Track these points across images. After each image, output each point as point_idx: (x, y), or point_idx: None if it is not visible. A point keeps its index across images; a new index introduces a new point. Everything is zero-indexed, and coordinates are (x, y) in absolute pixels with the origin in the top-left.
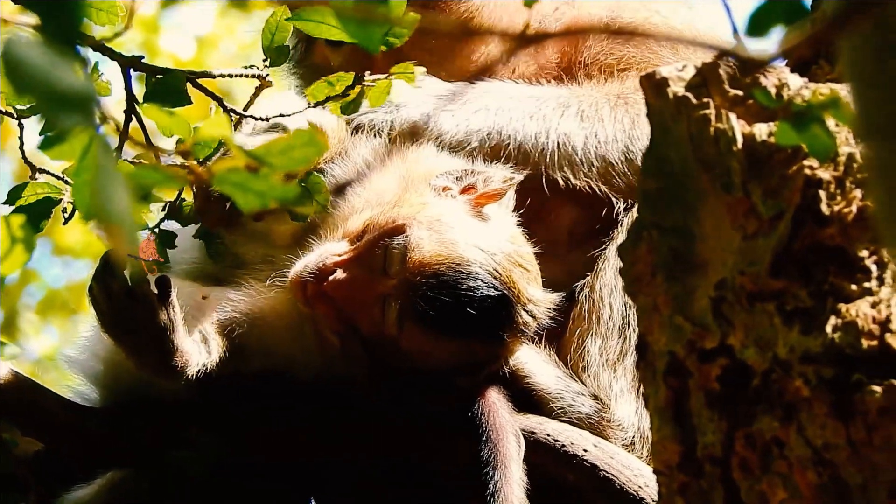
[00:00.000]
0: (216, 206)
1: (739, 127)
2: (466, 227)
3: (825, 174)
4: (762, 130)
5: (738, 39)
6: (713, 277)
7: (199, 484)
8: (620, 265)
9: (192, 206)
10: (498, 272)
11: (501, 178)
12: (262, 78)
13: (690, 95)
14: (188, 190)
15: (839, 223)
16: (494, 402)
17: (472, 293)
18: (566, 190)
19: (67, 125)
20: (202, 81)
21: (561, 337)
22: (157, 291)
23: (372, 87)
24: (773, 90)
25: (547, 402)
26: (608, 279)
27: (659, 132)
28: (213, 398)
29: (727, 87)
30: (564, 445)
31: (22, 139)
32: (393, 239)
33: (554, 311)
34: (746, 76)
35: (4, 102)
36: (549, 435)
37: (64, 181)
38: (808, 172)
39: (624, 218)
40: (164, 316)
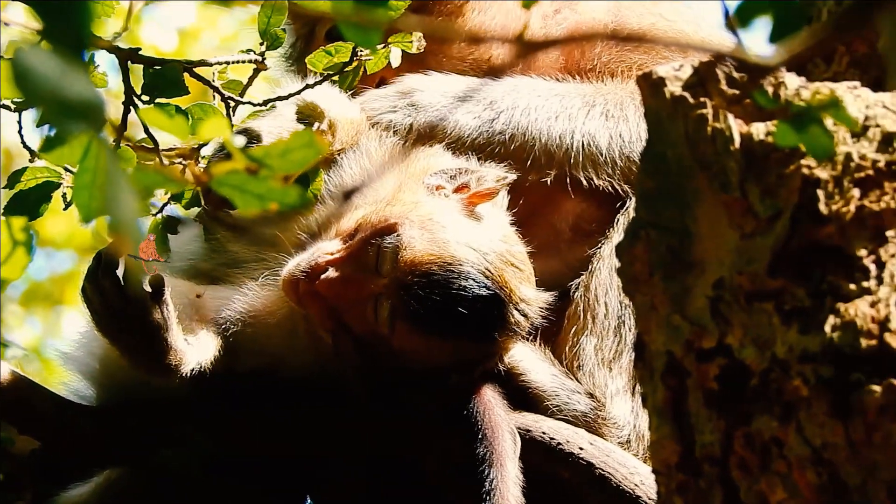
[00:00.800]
0: None
1: (737, 126)
2: (459, 226)
3: (823, 173)
4: (759, 130)
5: (740, 42)
6: (711, 277)
7: (193, 483)
8: (618, 264)
9: (194, 189)
10: (490, 271)
11: (495, 177)
12: (258, 62)
13: (687, 95)
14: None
15: (837, 222)
16: (490, 400)
17: (463, 292)
18: (571, 185)
19: (76, 132)
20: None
21: (556, 335)
22: (150, 290)
23: (370, 60)
24: (770, 89)
25: (542, 400)
26: (603, 278)
27: (656, 131)
28: (207, 396)
29: (724, 86)
30: (560, 443)
31: (21, 127)
32: (385, 238)
33: (547, 310)
34: (753, 81)
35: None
36: (544, 433)
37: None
38: (805, 172)
39: (620, 217)
40: (157, 315)
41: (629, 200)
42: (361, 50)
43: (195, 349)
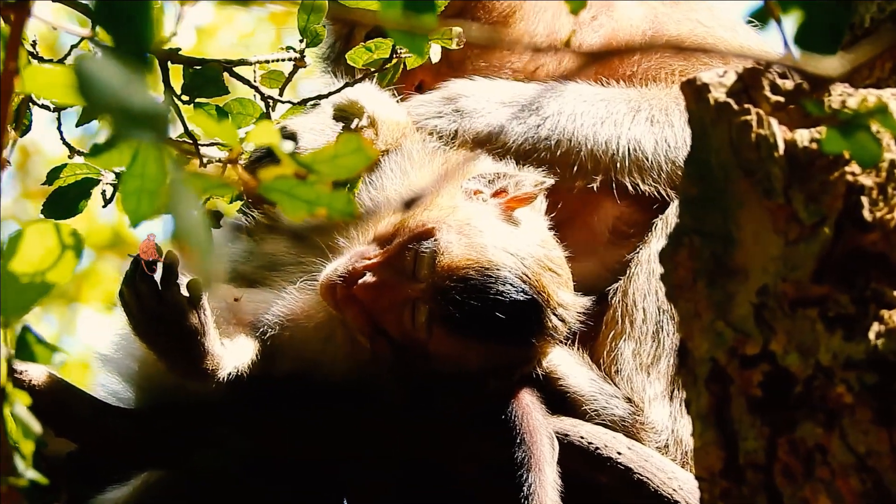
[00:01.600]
0: None
1: (781, 133)
2: (496, 231)
3: (867, 180)
4: (803, 136)
5: (790, 51)
6: (754, 283)
7: (230, 485)
8: (661, 270)
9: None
10: (527, 276)
11: (533, 181)
12: (298, 60)
13: (731, 101)
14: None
15: (881, 229)
16: (528, 404)
17: (501, 297)
18: (616, 190)
19: (140, 140)
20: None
21: (594, 340)
22: (188, 295)
23: (409, 57)
24: (814, 95)
25: (581, 404)
26: (641, 283)
27: (699, 138)
28: (244, 399)
29: (768, 93)
30: (598, 448)
31: (61, 131)
32: (422, 242)
33: (585, 314)
34: (814, 91)
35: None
36: (582, 437)
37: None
38: (849, 178)
39: (658, 222)
40: (194, 320)
41: (669, 204)
42: (401, 47)
43: (232, 353)
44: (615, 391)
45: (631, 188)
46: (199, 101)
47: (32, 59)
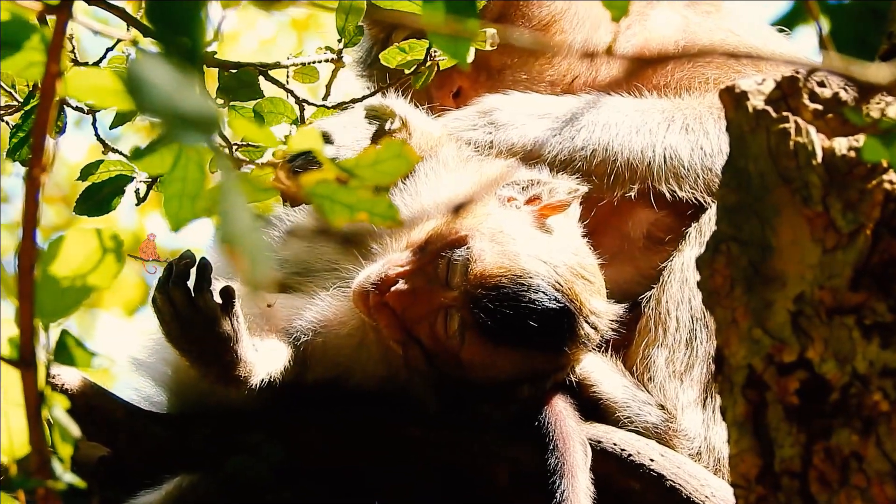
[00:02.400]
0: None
1: (819, 141)
2: (529, 238)
3: None
4: (842, 145)
5: (833, 59)
6: (791, 291)
7: (264, 491)
8: (698, 277)
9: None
10: (560, 284)
11: (566, 189)
12: (336, 60)
13: (770, 109)
14: None
15: None
16: (561, 410)
17: (533, 305)
18: (653, 198)
19: (192, 143)
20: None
21: (627, 347)
22: (220, 302)
23: (444, 60)
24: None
25: (613, 411)
26: (674, 292)
27: (737, 145)
28: (277, 405)
29: (807, 101)
30: (631, 455)
31: (96, 127)
32: (455, 250)
33: (618, 322)
34: (864, 100)
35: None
36: (615, 444)
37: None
38: (887, 187)
39: (691, 230)
40: (227, 326)
41: (703, 211)
42: (440, 51)
43: (265, 359)
44: (648, 398)
45: (668, 196)
46: (233, 104)
47: (70, 62)
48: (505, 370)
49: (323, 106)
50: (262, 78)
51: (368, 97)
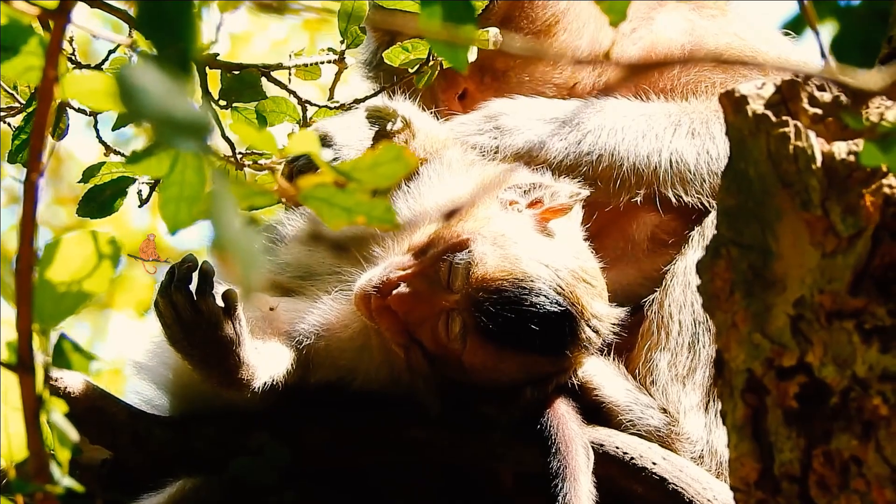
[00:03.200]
0: None
1: (819, 145)
2: (531, 242)
3: None
4: (841, 149)
5: (830, 65)
6: (791, 295)
7: (268, 493)
8: (698, 281)
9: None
10: (562, 288)
11: (568, 192)
12: (339, 61)
13: (770, 113)
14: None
15: None
16: (563, 414)
17: (535, 309)
18: (659, 202)
19: (183, 149)
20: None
21: (630, 350)
22: (223, 305)
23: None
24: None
25: (616, 414)
26: (677, 295)
27: (737, 149)
28: (280, 407)
29: (806, 105)
30: (633, 458)
31: (97, 130)
32: (457, 254)
33: (620, 325)
34: (855, 105)
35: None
36: (618, 447)
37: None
38: (887, 191)
39: (694, 234)
40: (229, 330)
41: (706, 214)
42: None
43: (267, 363)
44: (650, 402)
45: (674, 200)
46: (236, 105)
47: (70, 64)
48: (507, 373)
49: (325, 107)
50: (265, 79)
51: (371, 97)
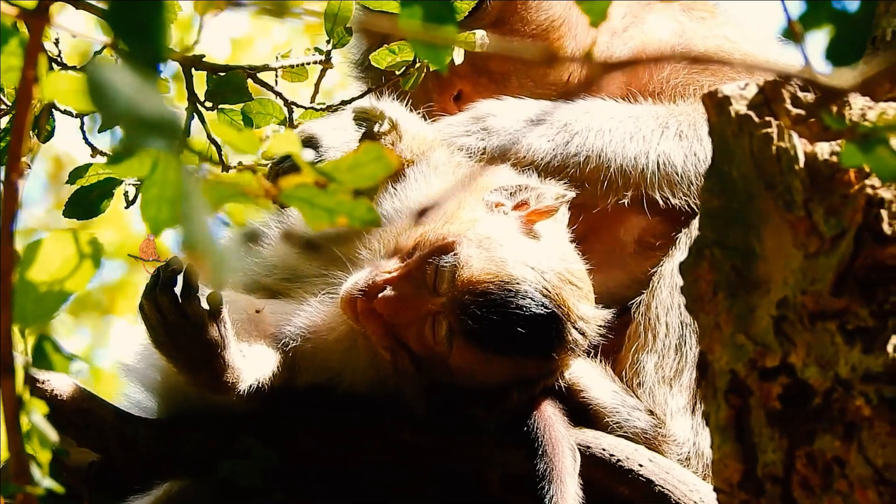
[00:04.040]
0: None
1: (801, 146)
2: (517, 244)
3: (887, 193)
4: (824, 150)
5: (809, 64)
6: (775, 296)
7: (255, 496)
8: (682, 283)
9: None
10: (548, 290)
11: (554, 194)
12: (324, 62)
13: (752, 114)
14: None
15: None
16: (550, 416)
17: (521, 311)
18: (647, 205)
19: (152, 148)
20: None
21: (617, 352)
22: (208, 308)
23: None
24: (834, 109)
25: (603, 416)
26: (664, 297)
27: (720, 150)
28: (267, 410)
29: (789, 106)
30: (620, 460)
31: (84, 131)
32: (443, 256)
33: (606, 327)
34: (824, 103)
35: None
36: (604, 449)
37: None
38: (869, 192)
39: (681, 235)
40: (214, 333)
41: (693, 217)
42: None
43: (253, 365)
44: (637, 403)
45: (662, 202)
46: (222, 107)
47: (56, 65)
48: (493, 376)
49: (312, 108)
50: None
51: (358, 98)
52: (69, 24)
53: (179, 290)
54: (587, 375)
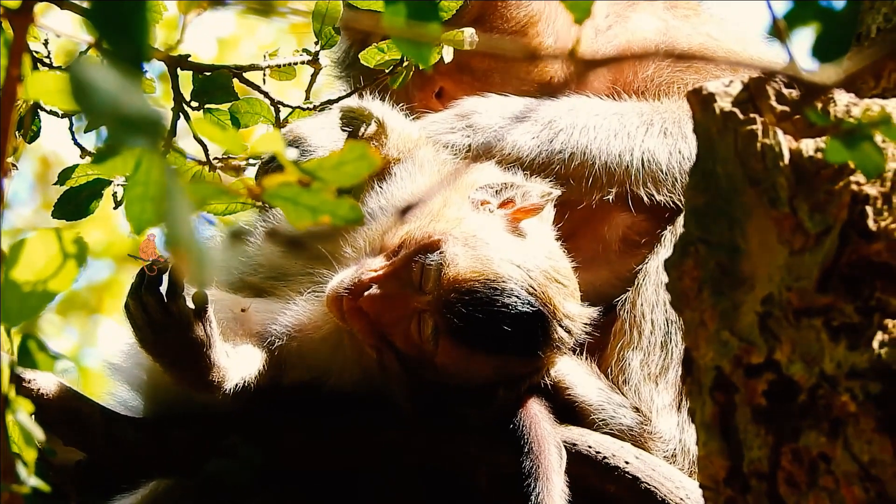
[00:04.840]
0: None
1: (786, 142)
2: (503, 242)
3: (872, 190)
4: (809, 146)
5: (793, 60)
6: (760, 293)
7: (242, 494)
8: (667, 279)
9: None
10: (533, 288)
11: (540, 192)
12: (313, 62)
13: (737, 111)
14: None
15: (886, 239)
16: (536, 413)
17: (507, 310)
18: (631, 201)
19: (134, 146)
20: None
21: (602, 350)
22: (193, 307)
23: None
24: (819, 105)
25: (588, 413)
26: (649, 295)
27: (705, 147)
28: (253, 408)
29: (774, 102)
30: (606, 457)
31: (72, 131)
32: (429, 254)
33: (592, 325)
34: (807, 99)
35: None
36: (590, 447)
37: None
38: (854, 188)
39: (667, 233)
40: (200, 332)
41: (678, 214)
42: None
43: (239, 364)
44: (623, 401)
45: (646, 199)
46: (208, 107)
47: (43, 65)
48: (479, 374)
49: (299, 108)
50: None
51: (345, 98)
52: (56, 24)
53: (165, 289)
54: (573, 373)
